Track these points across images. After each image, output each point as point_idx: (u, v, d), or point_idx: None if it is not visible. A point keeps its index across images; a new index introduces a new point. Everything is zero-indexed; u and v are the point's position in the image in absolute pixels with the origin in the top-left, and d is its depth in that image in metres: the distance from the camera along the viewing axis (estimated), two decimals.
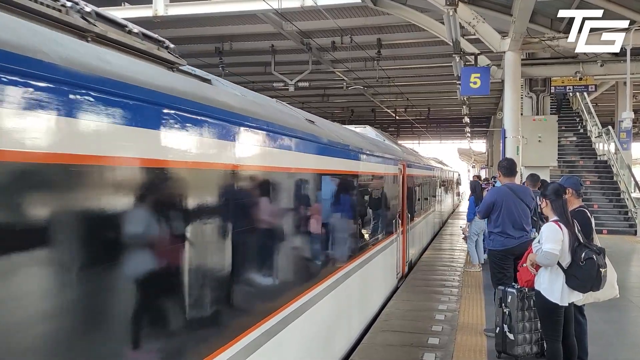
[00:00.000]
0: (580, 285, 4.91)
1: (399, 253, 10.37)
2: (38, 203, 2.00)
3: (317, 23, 16.89)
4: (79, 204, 2.18)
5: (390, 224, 9.55)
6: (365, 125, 13.00)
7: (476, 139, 51.37)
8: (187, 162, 2.84)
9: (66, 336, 2.12)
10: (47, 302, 2.02)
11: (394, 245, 9.88)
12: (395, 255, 10.03)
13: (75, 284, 2.13)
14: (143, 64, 3.05)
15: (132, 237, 2.49)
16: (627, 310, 8.28)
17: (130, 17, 15.14)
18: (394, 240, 9.85)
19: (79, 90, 2.15)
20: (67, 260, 2.10)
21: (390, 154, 9.96)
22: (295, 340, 4.61)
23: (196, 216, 2.96)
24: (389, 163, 9.49)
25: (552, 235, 4.91)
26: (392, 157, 9.97)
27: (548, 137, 14.72)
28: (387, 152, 9.63)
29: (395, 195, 10.11)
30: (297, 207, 4.73)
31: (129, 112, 2.39)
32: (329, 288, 5.56)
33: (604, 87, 23.46)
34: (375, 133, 12.01)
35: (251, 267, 3.76)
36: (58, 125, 2.04)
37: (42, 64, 1.99)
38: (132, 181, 2.48)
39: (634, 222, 18.10)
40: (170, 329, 2.78)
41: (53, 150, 2.02)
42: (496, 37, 12.88)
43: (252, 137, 3.73)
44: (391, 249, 9.58)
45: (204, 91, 3.32)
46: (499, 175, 7.46)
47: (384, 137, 12.78)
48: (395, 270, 10.20)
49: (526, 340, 5.85)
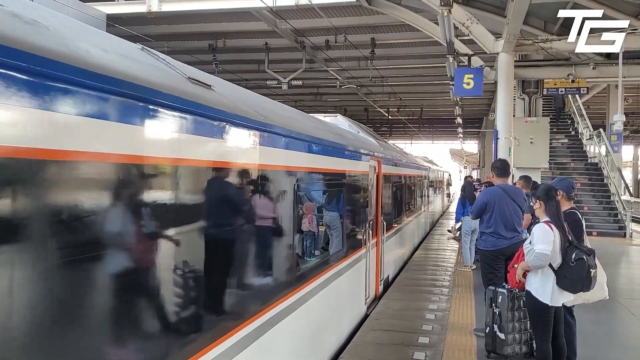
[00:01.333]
0: (570, 286, 4.94)
1: (369, 271, 8.33)
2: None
3: (311, 21, 16.88)
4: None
5: (357, 236, 7.60)
6: (337, 114, 11.21)
7: (468, 139, 51.56)
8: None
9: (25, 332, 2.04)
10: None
11: (362, 263, 7.84)
12: (363, 276, 8.00)
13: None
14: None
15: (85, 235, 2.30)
16: (615, 312, 8.34)
17: (124, 12, 15.09)
18: (362, 256, 7.82)
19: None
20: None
21: (358, 147, 7.87)
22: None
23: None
24: (355, 158, 7.48)
25: (544, 236, 4.93)
26: (360, 151, 7.87)
27: (540, 139, 14.79)
28: (352, 145, 7.51)
29: (365, 199, 8.10)
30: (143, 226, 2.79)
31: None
32: (235, 348, 3.63)
33: (595, 90, 23.62)
34: (348, 123, 10.23)
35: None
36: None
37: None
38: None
39: (624, 225, 18.25)
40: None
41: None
42: (490, 38, 12.92)
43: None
44: (357, 269, 7.52)
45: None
46: (492, 176, 7.48)
47: (358, 128, 10.81)
48: (364, 293, 8.18)
49: (516, 340, 5.88)
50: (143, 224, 2.76)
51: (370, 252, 8.38)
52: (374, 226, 8.75)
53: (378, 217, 9.09)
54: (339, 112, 35.77)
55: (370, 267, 8.37)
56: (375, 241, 8.85)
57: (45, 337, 2.12)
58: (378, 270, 9.16)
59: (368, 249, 8.18)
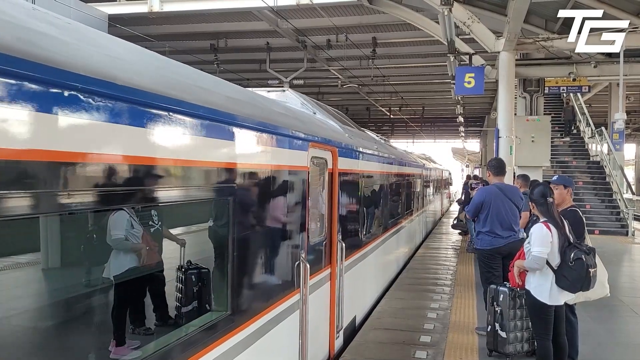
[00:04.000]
0: (570, 286, 4.94)
1: (310, 325, 5.11)
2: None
3: (312, 21, 16.90)
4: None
5: (277, 276, 4.53)
6: (285, 88, 8.13)
7: (470, 138, 51.50)
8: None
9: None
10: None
11: (292, 319, 4.75)
12: (294, 337, 4.88)
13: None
14: None
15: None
16: (617, 310, 8.34)
17: (126, 12, 15.13)
18: (290, 309, 4.69)
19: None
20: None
21: (278, 125, 4.54)
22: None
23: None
24: (270, 143, 4.29)
25: (541, 238, 4.94)
26: (285, 132, 4.63)
27: (541, 138, 14.78)
28: (254, 115, 4.11)
29: (296, 210, 4.89)
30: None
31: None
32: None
33: (597, 89, 23.59)
34: (301, 101, 7.25)
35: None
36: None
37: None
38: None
39: (626, 223, 18.23)
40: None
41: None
42: (491, 37, 12.91)
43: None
44: (278, 333, 4.44)
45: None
46: (488, 175, 7.46)
47: (317, 108, 7.43)
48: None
49: (517, 339, 5.89)
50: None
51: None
52: (326, 251, 5.86)
53: (333, 236, 6.03)
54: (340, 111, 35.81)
55: (312, 318, 5.23)
56: (327, 273, 5.90)
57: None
58: (333, 317, 6.09)
59: (302, 296, 4.86)
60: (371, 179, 8.62)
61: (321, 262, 5.71)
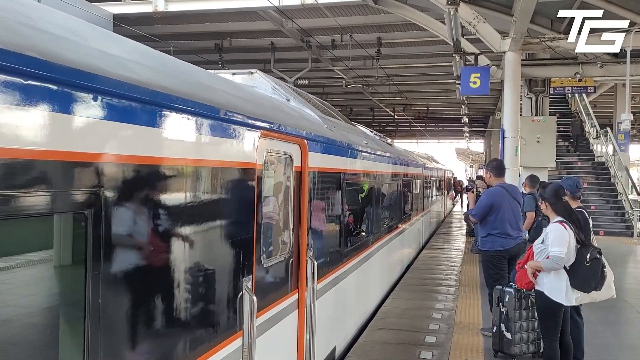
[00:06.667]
0: (585, 285, 4.89)
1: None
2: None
3: (317, 21, 16.90)
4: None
5: (206, 316, 3.15)
6: (254, 71, 6.14)
7: (474, 139, 51.43)
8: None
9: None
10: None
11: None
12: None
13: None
14: None
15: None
16: (623, 311, 8.30)
17: (131, 12, 15.16)
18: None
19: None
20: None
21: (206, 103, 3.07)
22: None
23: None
24: (178, 127, 2.78)
25: (560, 238, 4.88)
26: (211, 114, 3.11)
27: (546, 138, 14.75)
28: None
29: (239, 226, 3.54)
30: None
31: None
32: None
33: (603, 89, 23.51)
34: (272, 85, 6.02)
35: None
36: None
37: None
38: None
39: (631, 224, 18.16)
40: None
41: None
42: (496, 37, 12.88)
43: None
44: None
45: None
46: (489, 176, 7.34)
47: (292, 95, 6.25)
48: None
49: (523, 340, 5.87)
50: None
51: (259, 339, 3.73)
52: (292, 272, 4.61)
53: (302, 252, 4.79)
54: (345, 111, 35.84)
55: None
56: (294, 299, 4.65)
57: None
58: (302, 354, 4.82)
59: (246, 339, 3.47)
60: (357, 180, 7.22)
61: (283, 287, 4.40)
